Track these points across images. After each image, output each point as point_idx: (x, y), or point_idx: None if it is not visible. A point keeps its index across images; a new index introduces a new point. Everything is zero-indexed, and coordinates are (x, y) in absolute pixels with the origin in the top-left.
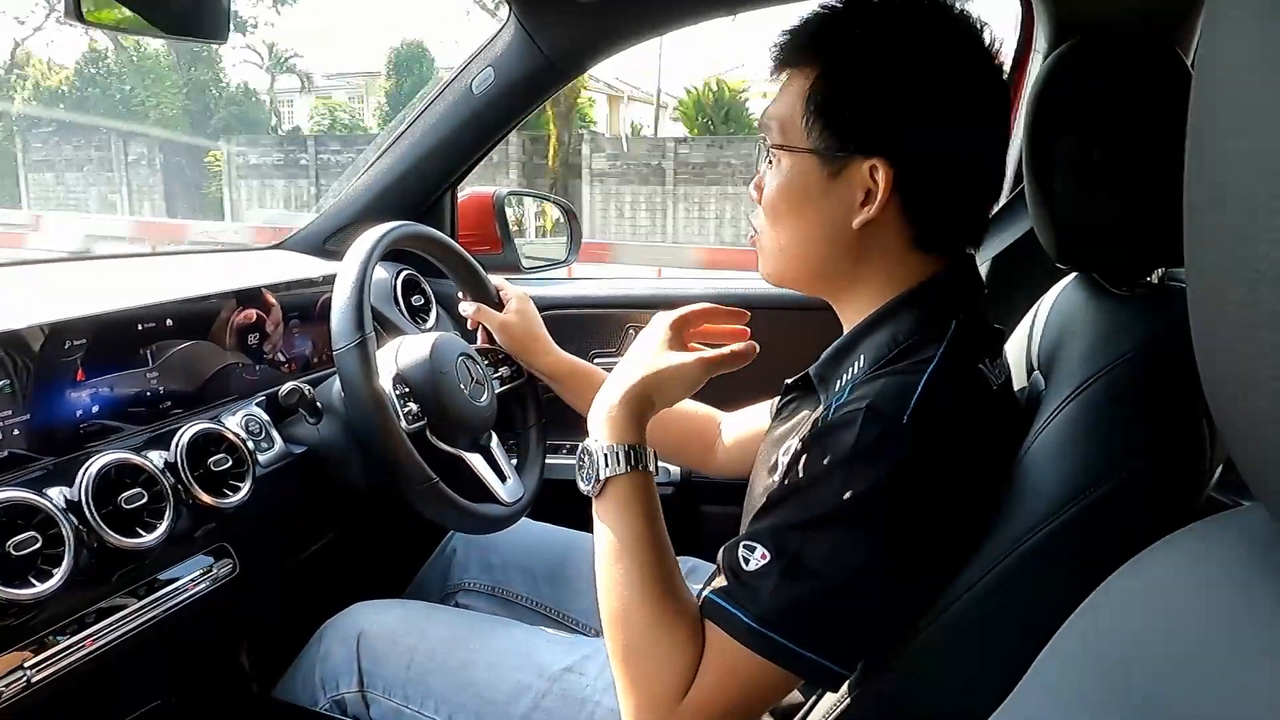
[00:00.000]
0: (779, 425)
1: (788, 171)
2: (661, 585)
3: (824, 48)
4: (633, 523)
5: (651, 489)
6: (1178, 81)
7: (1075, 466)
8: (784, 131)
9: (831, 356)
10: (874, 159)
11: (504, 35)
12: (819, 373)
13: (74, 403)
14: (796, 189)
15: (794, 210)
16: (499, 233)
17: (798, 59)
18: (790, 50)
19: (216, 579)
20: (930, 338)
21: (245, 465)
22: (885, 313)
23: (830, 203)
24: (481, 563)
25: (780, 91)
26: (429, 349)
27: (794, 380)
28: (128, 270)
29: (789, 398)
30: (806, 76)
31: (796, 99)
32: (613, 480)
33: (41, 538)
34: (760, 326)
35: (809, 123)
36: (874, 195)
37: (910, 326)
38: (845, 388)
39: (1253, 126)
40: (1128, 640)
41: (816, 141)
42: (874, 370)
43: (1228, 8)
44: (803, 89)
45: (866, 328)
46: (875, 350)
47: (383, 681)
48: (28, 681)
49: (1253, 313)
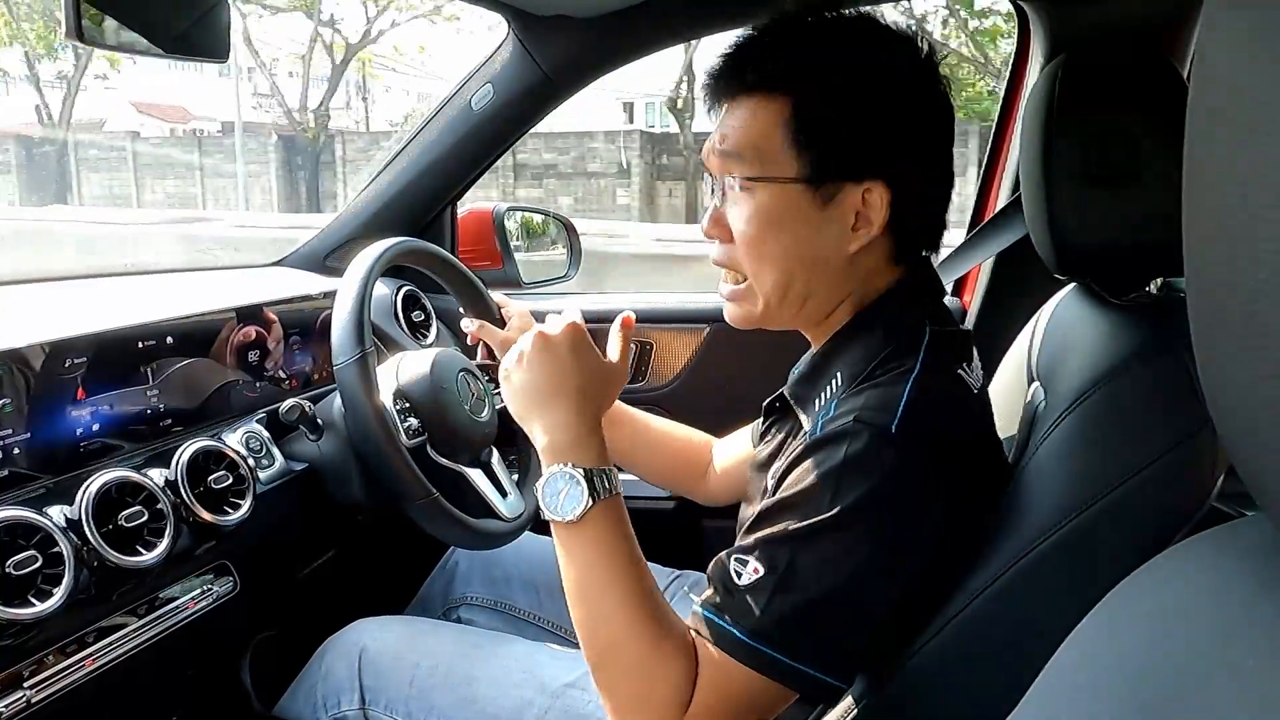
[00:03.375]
0: (762, 448)
1: (771, 204)
2: (651, 604)
3: (798, 73)
4: (620, 547)
5: (625, 510)
6: (1174, 91)
7: (1077, 477)
8: (761, 163)
9: (805, 375)
10: (869, 182)
11: (503, 52)
12: (794, 393)
13: (74, 421)
14: (785, 220)
15: (784, 242)
16: (499, 248)
17: (761, 86)
18: (751, 78)
19: (217, 597)
20: (905, 347)
21: (246, 483)
22: (854, 326)
23: (823, 231)
24: (484, 576)
25: (732, 120)
26: (430, 365)
27: (772, 400)
28: (128, 288)
29: (770, 420)
30: (777, 103)
31: (770, 128)
32: (597, 507)
33: (41, 557)
34: (761, 343)
35: (795, 151)
36: (865, 218)
37: (881, 337)
38: (829, 404)
39: (1249, 135)
40: (1132, 652)
41: (804, 169)
42: (855, 385)
43: (1223, 17)
44: (776, 116)
45: (838, 343)
46: (852, 366)
47: (385, 698)
48: (28, 701)
49: (1253, 321)
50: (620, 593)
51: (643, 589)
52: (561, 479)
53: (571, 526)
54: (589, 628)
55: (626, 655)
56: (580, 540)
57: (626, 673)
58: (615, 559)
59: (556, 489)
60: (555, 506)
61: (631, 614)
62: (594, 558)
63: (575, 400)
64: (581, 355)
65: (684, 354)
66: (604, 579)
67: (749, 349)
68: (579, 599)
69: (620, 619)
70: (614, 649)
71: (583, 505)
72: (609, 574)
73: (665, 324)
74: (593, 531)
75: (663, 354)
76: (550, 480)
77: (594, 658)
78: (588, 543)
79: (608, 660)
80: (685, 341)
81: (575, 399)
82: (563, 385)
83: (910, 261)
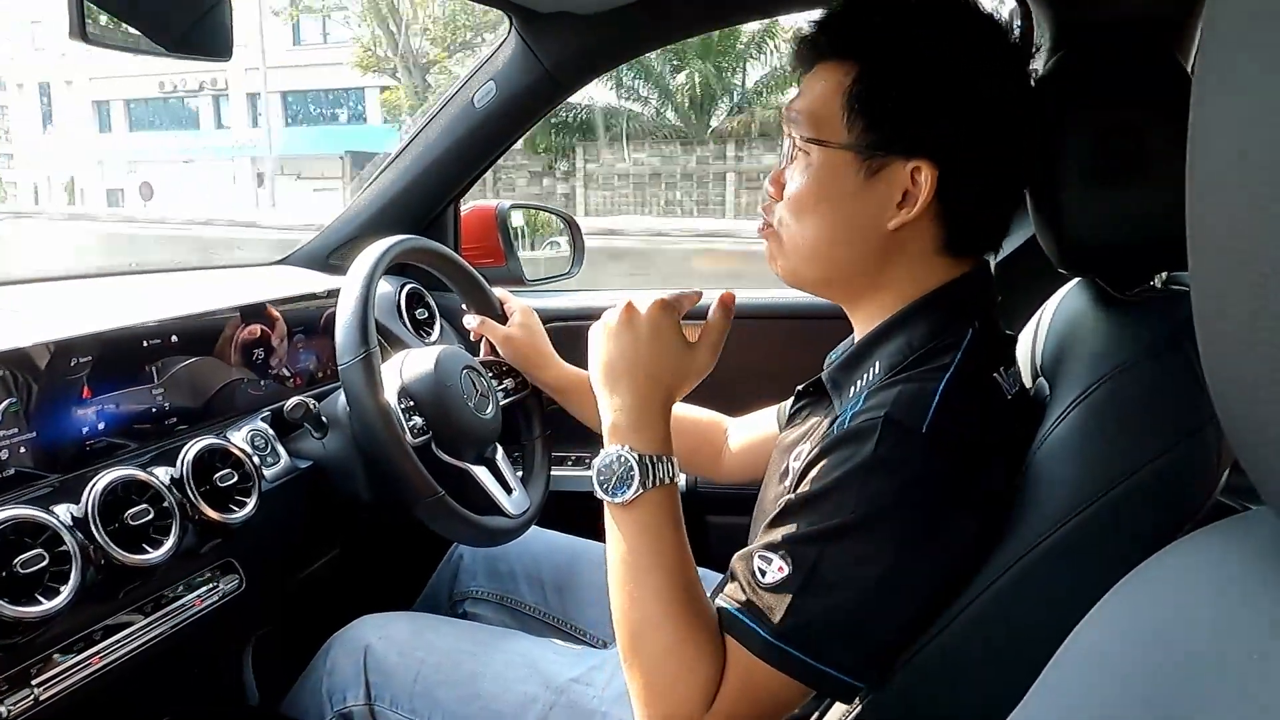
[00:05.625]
0: (791, 431)
1: (820, 167)
2: (690, 596)
3: (864, 43)
4: (667, 534)
5: (678, 497)
6: (1178, 85)
7: (1082, 473)
8: (817, 126)
9: (845, 361)
10: (917, 160)
11: (505, 49)
12: (832, 378)
13: (80, 420)
14: (829, 185)
15: (824, 206)
16: (502, 245)
17: (833, 52)
18: (825, 43)
19: (223, 594)
20: (946, 345)
21: (251, 480)
22: (901, 318)
23: (864, 202)
24: (489, 570)
25: (808, 84)
26: (433, 362)
27: (806, 385)
28: (132, 287)
29: (801, 403)
30: (844, 71)
31: (832, 94)
32: (650, 493)
33: (48, 555)
34: (770, 334)
35: (848, 119)
36: (913, 197)
37: (926, 332)
38: (860, 394)
39: (1254, 128)
40: (1137, 646)
41: (856, 139)
42: (889, 376)
43: (1228, 10)
44: (839, 84)
45: (881, 333)
46: (890, 357)
47: (390, 694)
48: (35, 700)
49: (1258, 316)
50: (660, 580)
51: (684, 579)
52: (617, 461)
53: (621, 507)
54: (625, 609)
55: (658, 642)
56: (627, 522)
57: (656, 660)
58: (660, 546)
59: (611, 470)
60: (607, 486)
61: (668, 602)
62: (639, 543)
63: (644, 383)
64: (661, 337)
65: None
66: (645, 564)
67: (756, 342)
68: (619, 580)
69: (656, 606)
70: (647, 635)
71: (633, 491)
72: (651, 560)
73: None
74: (641, 516)
75: None
76: (605, 460)
77: (626, 640)
78: (635, 526)
79: (639, 644)
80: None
81: (644, 382)
82: (634, 366)
83: (967, 260)
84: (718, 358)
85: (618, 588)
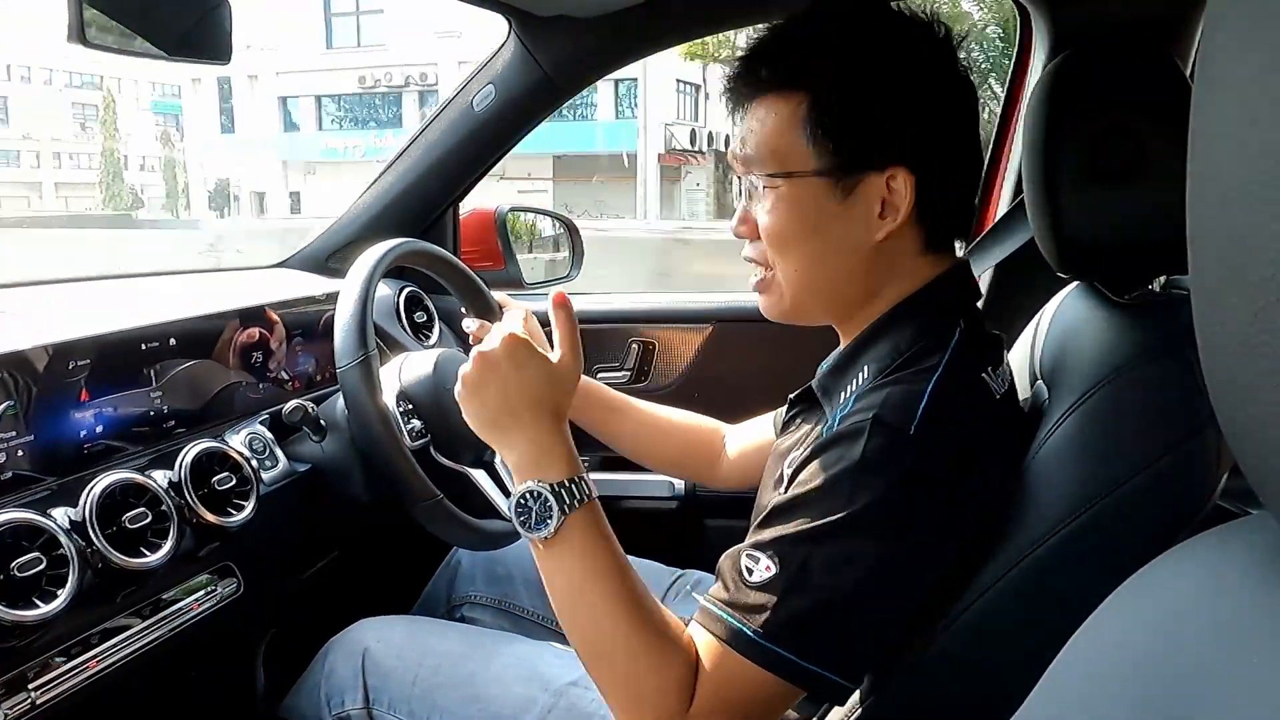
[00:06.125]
0: (785, 438)
1: (795, 199)
2: (640, 606)
3: (810, 70)
4: (601, 550)
5: (602, 512)
6: (1177, 88)
7: (1080, 476)
8: (780, 160)
9: (833, 368)
10: (891, 169)
11: (504, 52)
12: (822, 385)
13: (77, 423)
14: (810, 214)
15: (811, 236)
16: (501, 248)
17: (778, 85)
18: (767, 77)
19: (221, 598)
20: (933, 346)
21: (249, 484)
22: (887, 321)
23: (848, 221)
24: (487, 575)
25: (753, 121)
26: (432, 365)
27: (798, 393)
28: (130, 290)
29: (794, 411)
30: (795, 101)
31: (786, 126)
32: (572, 518)
33: (45, 559)
34: (769, 341)
35: (813, 146)
36: (892, 205)
37: (912, 334)
38: (850, 398)
39: (1254, 131)
40: (1137, 651)
41: (826, 163)
42: (878, 379)
43: (1228, 13)
44: (792, 114)
45: (868, 337)
46: (879, 360)
47: (388, 697)
48: (32, 704)
49: (1257, 319)
50: (606, 599)
51: (629, 592)
52: (530, 498)
53: (548, 543)
54: (580, 636)
55: (619, 659)
56: (559, 555)
57: (622, 677)
58: (597, 567)
59: (527, 509)
60: (528, 525)
61: (620, 619)
62: (575, 570)
63: (528, 417)
64: (524, 367)
65: (687, 353)
66: (588, 588)
67: (753, 347)
68: (568, 608)
69: (609, 625)
70: (607, 655)
71: (555, 521)
72: (593, 583)
73: (668, 323)
74: (569, 545)
75: (666, 353)
76: (520, 500)
77: (590, 661)
78: (568, 553)
79: (602, 662)
80: (689, 340)
81: (528, 415)
82: (512, 406)
83: (945, 255)
84: (582, 355)
85: (569, 616)
